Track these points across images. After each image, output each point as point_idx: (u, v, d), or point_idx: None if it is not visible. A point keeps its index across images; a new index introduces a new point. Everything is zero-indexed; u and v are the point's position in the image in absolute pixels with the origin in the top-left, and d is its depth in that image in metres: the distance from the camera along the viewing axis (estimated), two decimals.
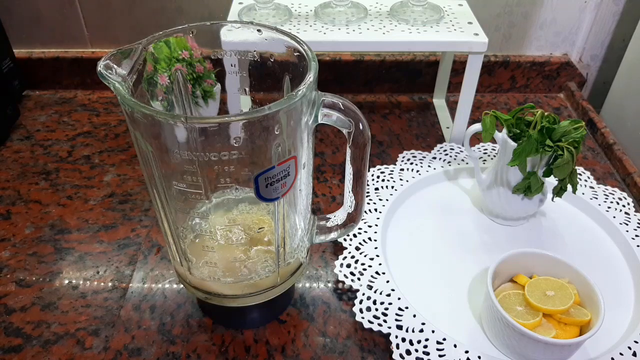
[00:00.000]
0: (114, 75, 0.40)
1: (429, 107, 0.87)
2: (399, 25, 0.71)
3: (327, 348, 0.52)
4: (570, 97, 0.89)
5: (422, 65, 0.88)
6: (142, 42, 0.44)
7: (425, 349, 0.50)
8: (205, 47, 0.51)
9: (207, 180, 0.42)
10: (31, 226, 0.65)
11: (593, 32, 0.87)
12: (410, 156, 0.74)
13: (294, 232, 0.51)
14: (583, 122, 0.57)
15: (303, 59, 0.43)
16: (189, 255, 0.49)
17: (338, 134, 0.80)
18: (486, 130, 0.60)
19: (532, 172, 0.57)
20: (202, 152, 0.39)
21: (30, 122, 0.82)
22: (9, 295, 0.57)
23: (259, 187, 0.41)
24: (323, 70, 0.87)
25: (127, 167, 0.74)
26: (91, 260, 0.60)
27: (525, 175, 0.58)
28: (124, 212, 0.67)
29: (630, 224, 0.64)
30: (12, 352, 0.51)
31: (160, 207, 0.46)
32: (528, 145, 0.55)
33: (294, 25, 0.71)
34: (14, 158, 0.75)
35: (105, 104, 0.87)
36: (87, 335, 0.53)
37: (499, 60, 0.88)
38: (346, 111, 0.42)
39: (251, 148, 0.39)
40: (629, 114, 0.79)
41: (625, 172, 0.72)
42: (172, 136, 0.39)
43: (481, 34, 0.69)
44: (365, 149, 0.45)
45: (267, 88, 0.49)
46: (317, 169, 0.74)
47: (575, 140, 0.56)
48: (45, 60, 0.87)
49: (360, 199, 0.49)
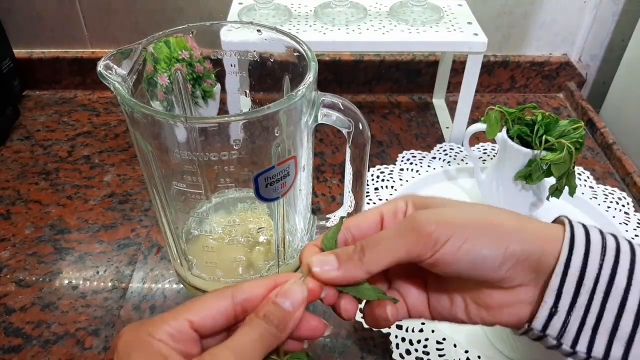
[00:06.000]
0: (114, 76, 0.40)
1: (428, 107, 0.87)
2: (398, 25, 0.71)
3: (327, 348, 0.52)
4: (570, 97, 0.90)
5: (421, 65, 0.88)
6: (142, 42, 0.44)
7: (425, 348, 0.50)
8: (205, 47, 0.51)
9: (207, 180, 0.42)
10: (31, 226, 0.65)
11: (592, 32, 0.87)
12: (410, 156, 0.74)
13: (293, 232, 0.51)
14: (582, 122, 0.57)
15: (303, 59, 0.43)
16: (189, 255, 0.49)
17: (338, 134, 0.80)
18: (491, 125, 0.60)
19: (534, 160, 0.57)
20: (202, 152, 0.39)
21: (30, 122, 0.82)
22: (9, 295, 0.57)
23: (259, 187, 0.41)
24: (323, 70, 0.87)
25: (127, 167, 0.74)
26: (91, 260, 0.60)
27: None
28: (124, 212, 0.67)
29: (630, 223, 0.64)
30: (12, 352, 0.51)
31: (160, 207, 0.46)
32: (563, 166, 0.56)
33: (293, 26, 0.71)
34: (14, 158, 0.75)
35: (105, 104, 0.87)
36: (87, 335, 0.53)
37: (498, 60, 0.89)
38: (346, 111, 0.42)
39: (251, 148, 0.39)
40: (628, 114, 0.79)
41: (625, 171, 0.72)
42: (172, 136, 0.39)
43: (480, 34, 0.69)
44: (365, 149, 0.45)
45: (266, 88, 0.49)
46: (317, 168, 0.74)
47: (577, 141, 0.55)
48: (45, 60, 0.87)
49: (360, 198, 0.49)
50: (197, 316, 0.28)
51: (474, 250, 0.29)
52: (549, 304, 0.29)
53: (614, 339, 0.28)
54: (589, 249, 0.29)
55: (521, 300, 0.30)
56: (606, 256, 0.28)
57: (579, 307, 0.28)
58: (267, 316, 0.28)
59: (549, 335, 0.29)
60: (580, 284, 0.28)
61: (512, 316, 0.31)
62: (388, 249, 0.30)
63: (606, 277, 0.28)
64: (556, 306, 0.29)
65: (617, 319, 0.28)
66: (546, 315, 0.29)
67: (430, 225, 0.29)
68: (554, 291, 0.29)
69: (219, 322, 0.29)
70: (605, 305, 0.28)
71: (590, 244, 0.29)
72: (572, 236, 0.29)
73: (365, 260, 0.30)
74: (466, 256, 0.29)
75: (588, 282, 0.28)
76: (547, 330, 0.29)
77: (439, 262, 0.29)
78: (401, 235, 0.30)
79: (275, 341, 0.28)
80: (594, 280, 0.28)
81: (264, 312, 0.28)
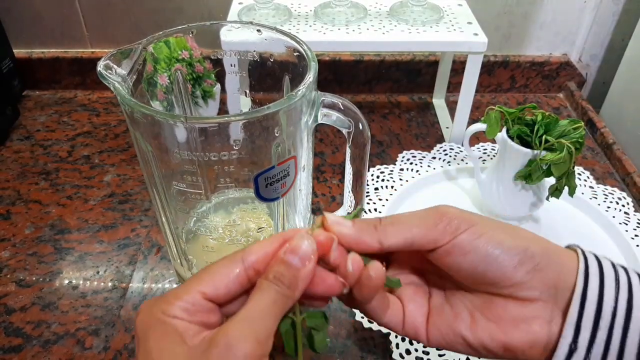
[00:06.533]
0: (114, 75, 0.40)
1: (428, 107, 0.87)
2: (398, 25, 0.71)
3: (327, 348, 0.52)
4: (570, 97, 0.90)
5: (421, 65, 0.88)
6: (142, 42, 0.44)
7: (425, 348, 0.50)
8: (205, 47, 0.51)
9: (207, 180, 0.42)
10: (31, 226, 0.65)
11: (592, 32, 0.87)
12: (410, 156, 0.74)
13: None
14: (582, 122, 0.57)
15: (303, 59, 0.43)
16: (189, 255, 0.49)
17: (338, 134, 0.80)
18: (491, 125, 0.60)
19: (534, 160, 0.57)
20: (202, 152, 0.39)
21: (30, 122, 0.82)
22: (9, 295, 0.57)
23: (259, 187, 0.41)
24: (323, 70, 0.87)
25: (127, 167, 0.74)
26: (91, 260, 0.60)
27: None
28: (124, 212, 0.67)
29: (630, 223, 0.64)
30: (12, 352, 0.51)
31: (160, 207, 0.46)
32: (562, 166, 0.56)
33: (293, 26, 0.71)
34: (14, 158, 0.75)
35: (105, 104, 0.87)
36: (87, 335, 0.53)
37: (498, 60, 0.88)
38: (346, 111, 0.42)
39: (251, 148, 0.39)
40: (628, 114, 0.79)
41: (625, 171, 0.72)
42: (172, 136, 0.39)
43: (481, 34, 0.69)
44: (365, 149, 0.45)
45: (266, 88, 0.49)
46: (316, 168, 0.74)
47: (577, 141, 0.55)
48: (45, 60, 0.87)
49: (360, 198, 0.49)
50: (208, 287, 0.27)
51: (493, 241, 0.28)
52: (568, 339, 0.27)
53: None
54: (603, 281, 0.28)
55: (538, 316, 0.28)
56: (620, 289, 0.27)
57: (599, 344, 0.27)
58: (277, 277, 0.27)
59: None
60: (598, 317, 0.27)
61: (527, 334, 0.28)
62: (407, 226, 0.29)
63: (623, 311, 0.27)
64: (575, 342, 0.27)
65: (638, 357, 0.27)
66: (566, 352, 0.27)
67: (454, 212, 0.29)
68: (572, 324, 0.27)
69: (232, 289, 0.28)
70: (625, 341, 0.27)
71: (604, 276, 0.28)
72: (586, 267, 0.28)
73: (381, 229, 0.29)
74: (485, 245, 0.28)
75: (606, 316, 0.27)
76: None
77: (456, 248, 0.28)
78: (423, 216, 0.29)
79: (289, 301, 0.27)
80: (611, 314, 0.27)
81: (273, 274, 0.27)
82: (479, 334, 0.30)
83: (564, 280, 0.28)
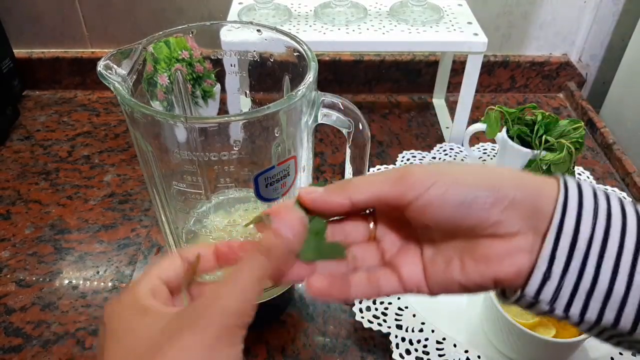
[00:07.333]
0: (114, 75, 0.40)
1: (428, 107, 0.87)
2: (398, 25, 0.71)
3: (327, 348, 0.52)
4: (570, 97, 0.90)
5: (421, 65, 0.88)
6: (142, 42, 0.44)
7: (425, 348, 0.50)
8: (205, 47, 0.51)
9: (207, 180, 0.42)
10: (31, 226, 0.65)
11: (592, 32, 0.87)
12: (410, 156, 0.74)
13: None
14: (582, 122, 0.57)
15: (303, 59, 0.43)
16: None
17: (338, 134, 0.80)
18: (491, 125, 0.60)
19: (534, 160, 0.57)
20: (202, 152, 0.39)
21: (30, 122, 0.82)
22: (9, 295, 0.57)
23: (259, 187, 0.41)
24: (323, 70, 0.87)
25: (127, 167, 0.74)
26: (91, 260, 0.60)
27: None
28: (123, 212, 0.67)
29: None
30: (12, 352, 0.51)
31: (160, 207, 0.46)
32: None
33: (293, 26, 0.71)
34: (14, 158, 0.75)
35: (105, 104, 0.87)
36: (87, 335, 0.53)
37: (498, 60, 0.89)
38: (346, 111, 0.42)
39: (251, 148, 0.39)
40: (628, 114, 0.79)
41: (625, 172, 0.72)
42: (172, 136, 0.39)
43: (480, 34, 0.69)
44: (365, 149, 0.45)
45: (266, 88, 0.49)
46: (317, 168, 0.74)
47: (577, 141, 0.56)
48: (45, 60, 0.87)
49: None
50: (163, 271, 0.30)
51: (461, 190, 0.29)
52: (542, 269, 0.28)
53: (608, 303, 0.27)
54: (581, 213, 0.28)
55: (521, 248, 0.29)
56: (598, 219, 0.28)
57: (572, 272, 0.28)
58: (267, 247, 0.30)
59: (541, 301, 0.29)
60: (573, 248, 0.28)
61: (512, 267, 0.30)
62: (372, 181, 0.31)
63: (599, 241, 0.28)
64: (549, 271, 0.28)
65: (610, 283, 0.27)
66: (539, 281, 0.28)
67: (417, 168, 0.30)
68: (546, 257, 0.28)
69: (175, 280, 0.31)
70: (599, 269, 0.27)
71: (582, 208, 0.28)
72: (565, 199, 0.29)
73: (349, 187, 0.31)
74: (454, 197, 0.29)
75: (581, 246, 0.28)
76: (540, 296, 0.29)
77: (427, 207, 0.29)
78: (388, 173, 0.31)
79: (268, 271, 0.29)
80: (587, 244, 0.28)
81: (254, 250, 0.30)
82: (471, 276, 0.31)
83: (543, 210, 0.29)
